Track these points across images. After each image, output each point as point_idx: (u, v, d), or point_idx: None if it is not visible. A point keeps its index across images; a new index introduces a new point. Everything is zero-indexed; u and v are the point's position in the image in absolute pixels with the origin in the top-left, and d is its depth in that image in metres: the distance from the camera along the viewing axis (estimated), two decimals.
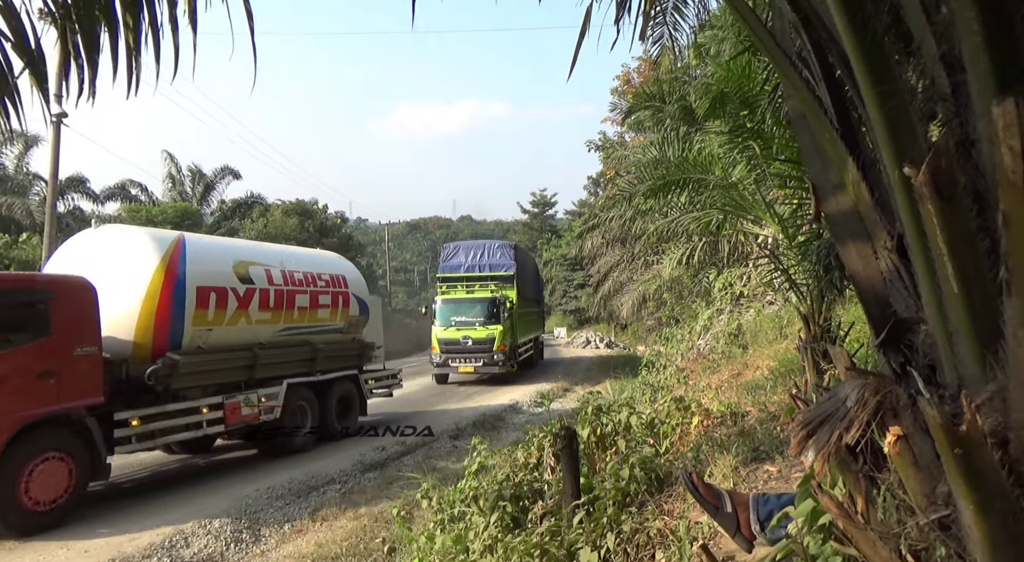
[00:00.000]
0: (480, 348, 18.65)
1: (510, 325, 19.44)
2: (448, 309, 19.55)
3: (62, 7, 2.59)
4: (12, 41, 2.50)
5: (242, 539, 6.23)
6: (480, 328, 18.83)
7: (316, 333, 10.78)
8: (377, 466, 9.07)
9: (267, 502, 7.35)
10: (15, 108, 2.54)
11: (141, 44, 2.70)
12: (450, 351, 18.77)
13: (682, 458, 4.70)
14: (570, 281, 56.41)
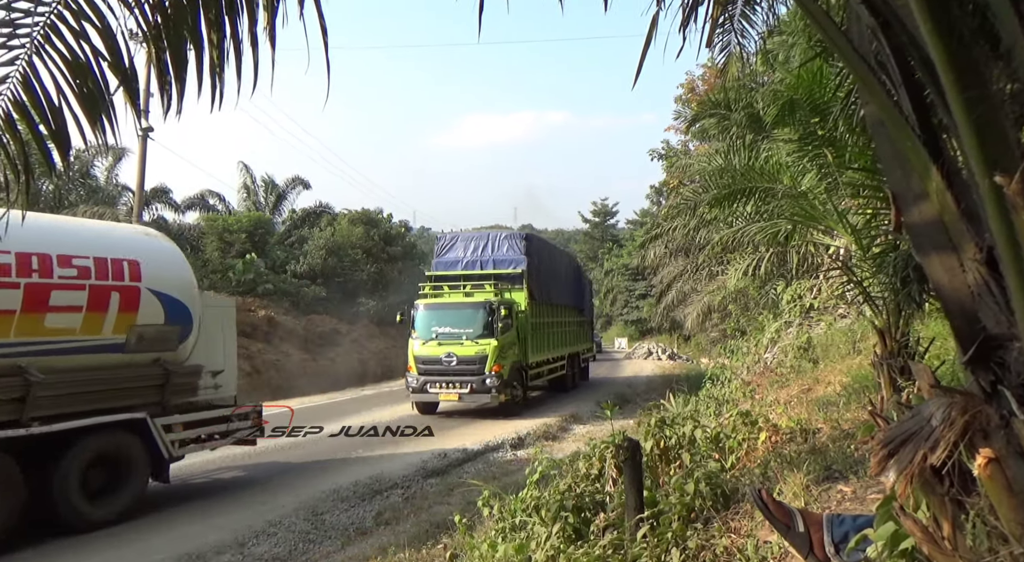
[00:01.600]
0: (467, 369, 14.01)
1: (514, 339, 15.00)
2: (429, 317, 14.89)
3: (154, 28, 2.74)
4: (108, 61, 2.66)
5: (309, 539, 6.40)
6: (468, 343, 14.20)
7: (47, 353, 6.66)
8: (439, 472, 9.17)
9: (332, 504, 7.53)
10: (110, 123, 2.71)
11: (224, 61, 2.84)
12: (429, 372, 14.17)
13: (749, 474, 4.57)
14: (632, 291, 55.78)
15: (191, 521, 7.03)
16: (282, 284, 27.39)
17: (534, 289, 16.48)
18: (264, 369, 19.79)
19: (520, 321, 15.50)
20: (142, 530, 6.78)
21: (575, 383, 20.45)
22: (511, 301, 15.46)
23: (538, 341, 16.63)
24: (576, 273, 22.51)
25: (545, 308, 17.49)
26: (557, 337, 18.64)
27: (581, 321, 22.53)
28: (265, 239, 30.17)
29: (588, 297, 24.34)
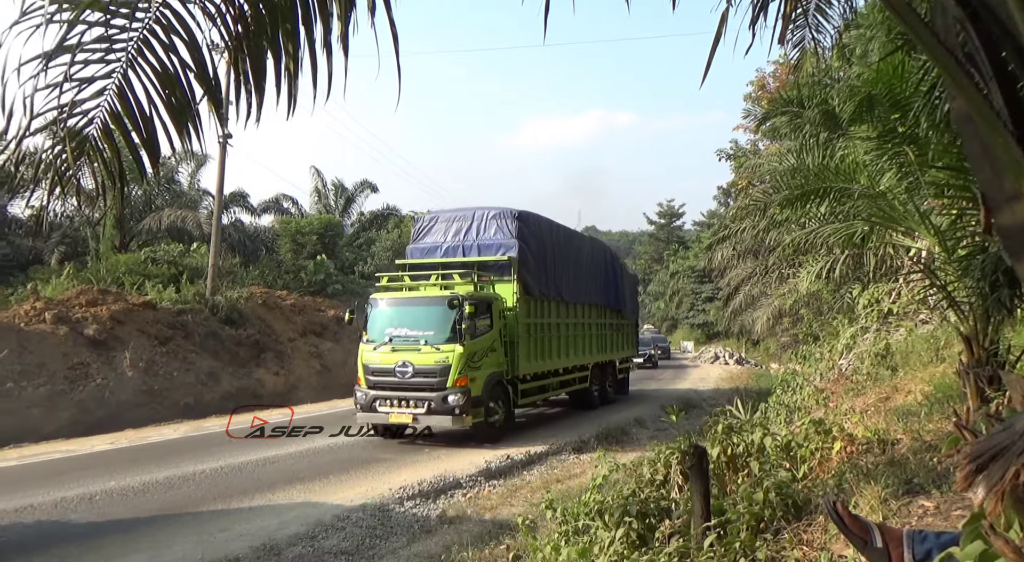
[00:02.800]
0: (424, 383, 10.84)
1: (492, 344, 11.66)
2: (383, 315, 11.69)
3: (235, 39, 2.86)
4: (195, 72, 2.80)
5: (376, 534, 6.54)
6: (427, 349, 10.98)
7: None
8: (502, 474, 9.22)
9: (398, 501, 7.68)
10: (195, 131, 2.85)
11: (299, 69, 2.94)
12: (380, 386, 11.09)
13: (822, 485, 4.41)
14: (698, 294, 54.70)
15: (266, 514, 7.31)
16: (350, 284, 28.13)
17: (529, 281, 12.79)
18: (334, 367, 20.34)
19: (508, 321, 12.12)
20: (223, 518, 7.08)
21: (606, 398, 16.89)
22: (490, 297, 11.98)
23: (536, 347, 13.09)
24: (609, 266, 17.83)
25: (549, 306, 13.84)
26: (573, 342, 15.00)
27: (617, 324, 18.36)
28: (335, 241, 31.07)
29: (628, 295, 19.53)
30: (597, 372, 16.39)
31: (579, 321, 15.49)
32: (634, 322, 20.64)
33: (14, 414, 12.73)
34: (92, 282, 18.60)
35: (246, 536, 6.47)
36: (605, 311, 17.32)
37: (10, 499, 7.77)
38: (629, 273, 20.90)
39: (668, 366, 31.94)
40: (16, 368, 13.57)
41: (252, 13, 2.87)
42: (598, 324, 16.72)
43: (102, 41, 2.54)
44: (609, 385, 17.44)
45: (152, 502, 7.79)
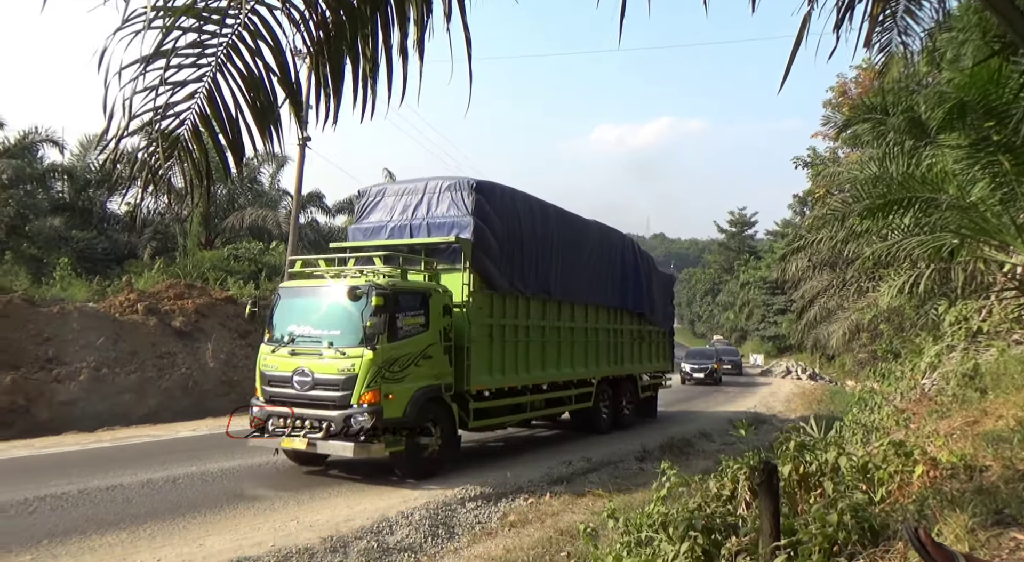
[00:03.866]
0: (324, 398, 8.48)
1: (421, 351, 8.91)
2: (287, 310, 9.32)
3: (317, 44, 2.95)
4: (278, 76, 2.91)
5: (438, 534, 6.62)
6: (330, 354, 8.59)
7: None
8: (564, 480, 9.17)
9: (460, 502, 7.74)
10: (276, 133, 2.96)
11: (376, 73, 3.00)
12: (276, 399, 8.80)
13: (902, 510, 4.19)
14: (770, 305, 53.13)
15: (337, 505, 7.52)
16: None
17: (491, 271, 10.08)
18: None
19: (456, 321, 9.53)
20: (295, 508, 7.32)
21: (621, 421, 14.06)
22: (422, 289, 9.34)
23: (502, 355, 10.40)
24: (629, 262, 14.67)
25: (526, 305, 11.10)
26: (568, 351, 12.23)
27: (640, 331, 15.18)
28: None
29: (658, 298, 16.27)
30: (607, 389, 13.62)
31: (578, 326, 12.63)
32: (668, 330, 17.29)
33: (108, 399, 13.54)
34: (180, 276, 19.63)
35: (316, 527, 6.66)
36: (620, 315, 14.29)
37: (103, 478, 8.30)
38: (660, 272, 17.31)
39: (733, 382, 30.57)
40: (111, 355, 14.44)
41: (333, 19, 2.95)
42: (610, 330, 13.82)
43: (194, 46, 2.67)
44: (627, 405, 14.52)
45: (230, 488, 8.13)
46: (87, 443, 11.26)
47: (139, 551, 5.91)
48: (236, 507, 7.37)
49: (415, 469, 8.81)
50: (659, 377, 16.72)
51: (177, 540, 6.24)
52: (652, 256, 17.33)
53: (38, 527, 6.44)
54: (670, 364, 17.43)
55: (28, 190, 24.13)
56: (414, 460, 8.76)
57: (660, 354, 16.59)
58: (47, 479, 8.14)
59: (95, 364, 14.05)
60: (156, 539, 6.25)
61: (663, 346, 16.86)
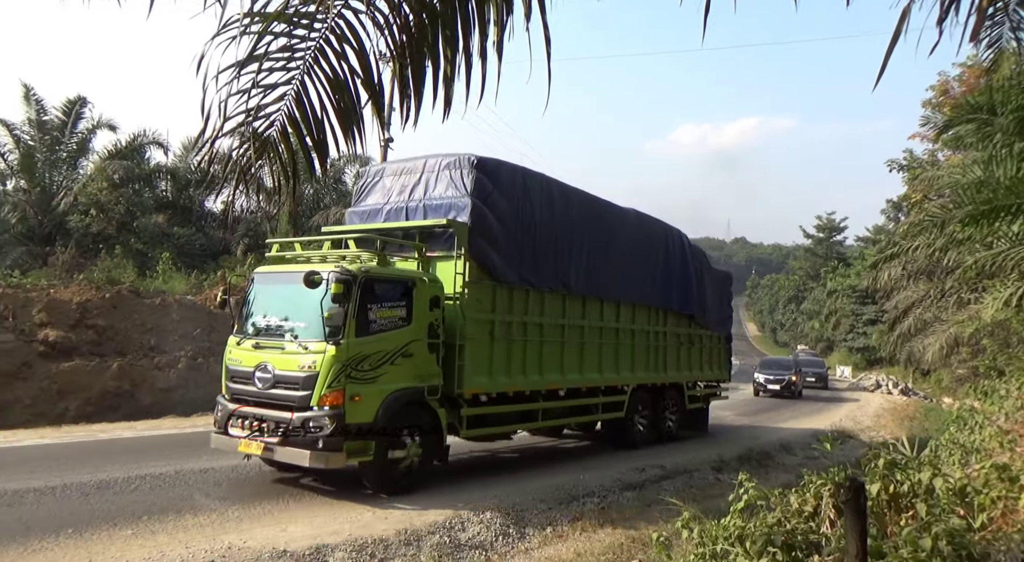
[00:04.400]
0: (284, 397, 7.58)
1: (400, 348, 7.90)
2: (256, 298, 8.51)
3: (399, 47, 3.01)
4: (362, 78, 2.98)
5: (509, 534, 6.64)
6: (293, 348, 7.71)
7: None
8: (636, 486, 9.03)
9: (532, 503, 7.74)
10: (360, 134, 3.04)
11: (455, 74, 3.04)
12: (238, 397, 8.01)
13: (1005, 539, 3.89)
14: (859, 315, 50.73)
15: (413, 499, 7.69)
16: None
17: (493, 259, 8.95)
18: None
19: (449, 316, 8.46)
20: (372, 500, 7.51)
21: (663, 433, 12.70)
22: (403, 277, 8.31)
23: (506, 355, 9.23)
24: (674, 257, 13.19)
25: (538, 299, 9.83)
26: (592, 353, 10.88)
27: (688, 335, 13.63)
28: None
29: (711, 299, 14.59)
30: (645, 398, 12.22)
31: (607, 326, 11.27)
32: (725, 335, 15.56)
33: (203, 387, 14.31)
34: None
35: (391, 519, 6.82)
36: (663, 316, 12.80)
37: (196, 461, 8.83)
38: (715, 270, 15.71)
39: (815, 396, 28.42)
40: (206, 345, 15.30)
41: (416, 22, 3.01)
42: (649, 332, 12.38)
43: (284, 50, 2.78)
44: (670, 416, 13.04)
45: (310, 477, 8.38)
46: (184, 428, 11.96)
47: (227, 532, 6.22)
48: (316, 496, 7.68)
49: (387, 482, 7.70)
50: (714, 387, 15.19)
51: (261, 524, 6.53)
52: (712, 260, 16.50)
53: (139, 504, 6.90)
54: (727, 373, 15.80)
55: (136, 189, 25.80)
56: (386, 472, 7.68)
57: (714, 361, 14.93)
58: (148, 460, 8.71)
59: (192, 353, 14.91)
60: (243, 522, 6.57)
61: (718, 352, 15.16)
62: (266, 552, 5.75)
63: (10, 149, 23.58)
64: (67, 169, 24.51)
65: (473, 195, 8.87)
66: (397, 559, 5.96)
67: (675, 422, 13.23)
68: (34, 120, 23.70)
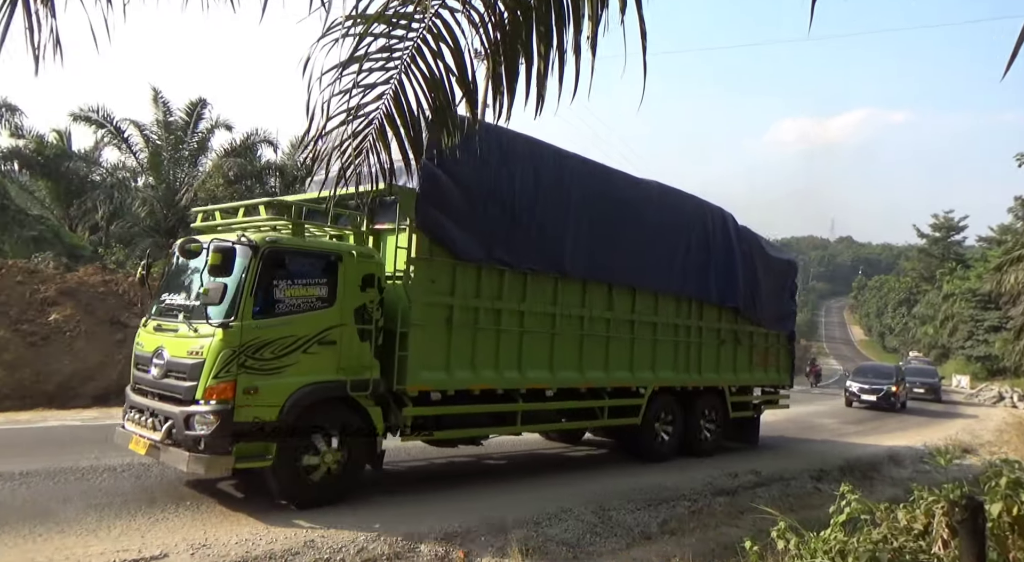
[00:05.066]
0: (174, 390, 6.49)
1: (317, 334, 6.67)
2: (172, 273, 7.60)
3: (493, 44, 3.04)
4: (456, 76, 3.04)
5: (596, 532, 6.59)
6: (185, 331, 6.63)
7: None
8: (728, 492, 8.75)
9: (620, 503, 7.65)
10: (454, 130, 3.10)
11: (549, 70, 3.03)
12: (139, 385, 7.08)
13: None
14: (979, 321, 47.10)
15: (497, 492, 7.78)
16: None
17: (450, 232, 7.67)
18: None
19: (392, 297, 7.26)
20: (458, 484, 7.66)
21: (698, 445, 10.98)
22: (320, 250, 7.16)
23: (466, 346, 7.86)
24: (716, 239, 11.34)
25: (517, 282, 8.35)
26: (599, 348, 9.33)
27: (736, 331, 11.77)
28: None
29: (766, 291, 12.43)
30: (670, 403, 10.50)
31: (618, 317, 9.62)
32: (787, 333, 13.33)
33: None
34: None
35: (476, 510, 6.92)
36: (697, 308, 10.98)
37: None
38: (773, 256, 13.11)
39: (923, 409, 25.50)
40: None
41: (510, 19, 3.02)
42: (678, 327, 10.60)
43: (383, 51, 2.87)
44: (706, 425, 11.20)
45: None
46: None
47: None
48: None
49: (295, 492, 6.55)
50: (771, 393, 13.07)
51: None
52: (763, 239, 13.38)
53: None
54: (787, 377, 13.33)
55: (248, 185, 27.33)
56: (295, 480, 6.50)
57: (770, 363, 12.74)
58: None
59: None
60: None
61: (776, 353, 12.95)
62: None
63: (140, 148, 25.58)
64: (188, 166, 26.27)
65: (427, 156, 7.23)
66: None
67: (714, 432, 11.29)
68: (161, 121, 25.60)
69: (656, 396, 10.11)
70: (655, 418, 10.24)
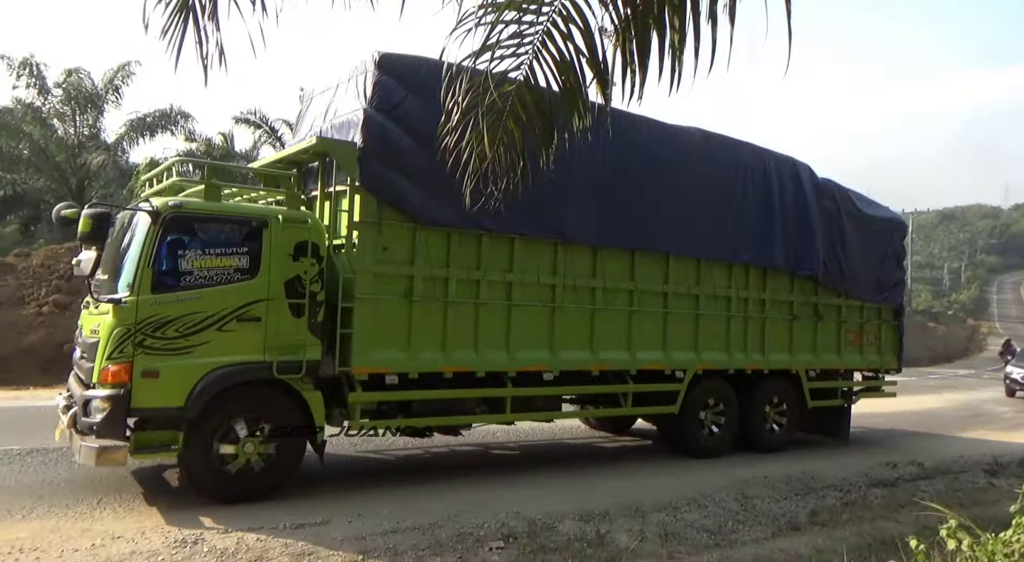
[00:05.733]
0: (83, 369, 6.23)
1: (236, 309, 5.93)
2: (108, 247, 6.17)
3: (624, 21, 2.97)
4: (586, 57, 3.00)
5: (738, 519, 6.37)
6: (94, 308, 6.15)
7: None
8: (886, 484, 8.13)
9: (764, 490, 7.36)
10: (585, 112, 3.07)
11: (683, 43, 2.92)
12: (74, 367, 6.76)
13: None
14: None
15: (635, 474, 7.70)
16: None
17: (404, 192, 6.69)
18: None
19: (329, 267, 6.44)
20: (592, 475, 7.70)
21: (764, 439, 9.48)
22: (251, 216, 6.40)
23: (434, 323, 6.90)
24: (787, 195, 9.62)
25: (502, 248, 7.32)
26: (621, 323, 8.11)
27: (817, 305, 9.98)
28: None
29: (857, 255, 10.42)
30: (721, 388, 9.03)
31: (645, 288, 8.29)
32: (893, 307, 11.16)
33: None
34: None
35: (614, 492, 6.92)
36: (758, 276, 9.37)
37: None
38: (867, 214, 10.85)
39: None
40: None
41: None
42: (731, 299, 9.07)
43: (514, 37, 2.89)
44: (774, 416, 9.62)
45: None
46: None
47: None
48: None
49: (212, 485, 5.93)
50: (873, 378, 11.14)
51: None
52: (857, 194, 10.96)
53: None
54: (893, 359, 11.12)
55: None
56: (209, 472, 5.87)
57: (868, 343, 10.69)
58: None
59: None
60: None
61: (875, 331, 10.83)
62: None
63: None
64: None
65: (372, 105, 6.60)
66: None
67: (785, 424, 9.68)
68: None
69: (700, 380, 8.70)
70: (699, 406, 8.81)
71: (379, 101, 6.60)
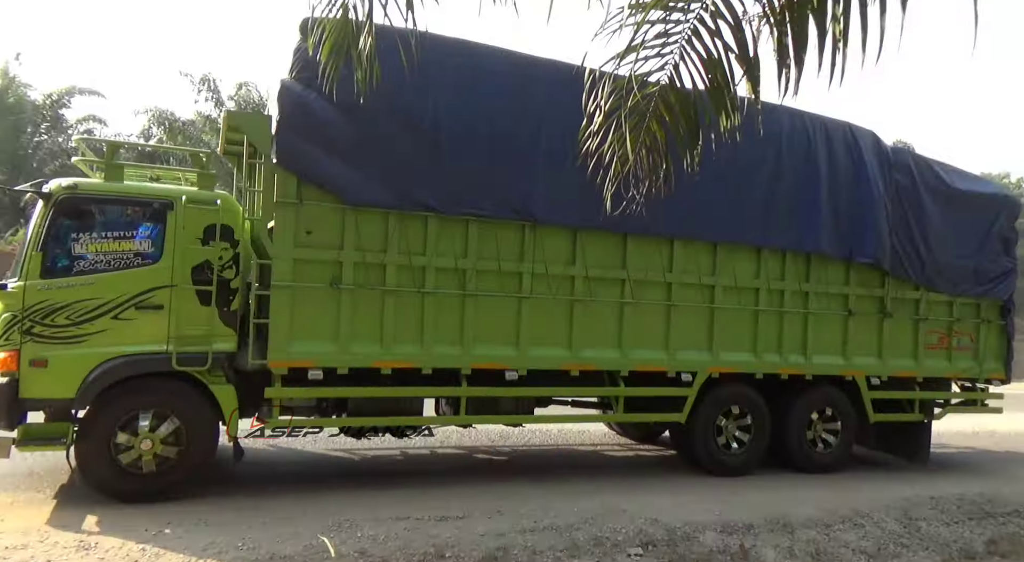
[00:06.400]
0: None
1: (135, 296, 5.62)
2: None
3: (778, 13, 2.81)
4: (736, 53, 2.87)
5: (901, 543, 5.82)
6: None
7: None
8: None
9: (931, 511, 6.69)
10: (733, 110, 2.94)
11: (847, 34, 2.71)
12: None
13: None
14: None
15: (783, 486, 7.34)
16: None
17: (330, 169, 6.04)
18: None
19: (247, 252, 6.10)
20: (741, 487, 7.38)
21: (808, 458, 7.98)
22: (152, 196, 5.94)
23: (365, 313, 6.19)
24: (837, 167, 7.92)
25: (448, 230, 6.43)
26: (609, 317, 7.04)
27: (882, 299, 8.23)
28: None
29: (942, 238, 8.42)
30: (748, 396, 7.70)
31: (642, 278, 7.14)
32: (1001, 302, 8.99)
33: None
34: None
35: (757, 504, 6.58)
36: (798, 266, 7.86)
37: None
38: (962, 192, 8.74)
39: None
40: None
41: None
42: (760, 290, 7.67)
43: (659, 37, 2.82)
44: (823, 430, 8.12)
45: None
46: None
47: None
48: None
49: (104, 481, 5.56)
50: (970, 389, 9.07)
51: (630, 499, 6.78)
52: (946, 165, 8.87)
53: None
54: (999, 366, 9.02)
55: None
56: (103, 468, 5.51)
57: (961, 346, 8.75)
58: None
59: None
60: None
61: (972, 332, 8.83)
62: None
63: None
64: None
65: (292, 74, 5.92)
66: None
67: (837, 441, 8.15)
68: None
69: (716, 385, 7.49)
70: (715, 415, 7.55)
71: (300, 70, 5.90)
